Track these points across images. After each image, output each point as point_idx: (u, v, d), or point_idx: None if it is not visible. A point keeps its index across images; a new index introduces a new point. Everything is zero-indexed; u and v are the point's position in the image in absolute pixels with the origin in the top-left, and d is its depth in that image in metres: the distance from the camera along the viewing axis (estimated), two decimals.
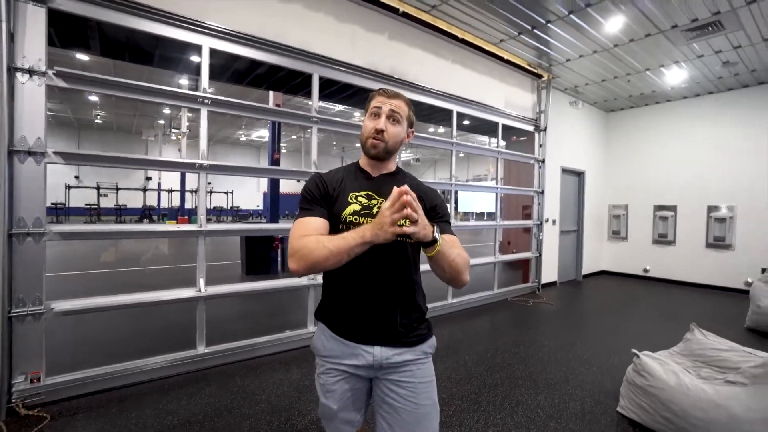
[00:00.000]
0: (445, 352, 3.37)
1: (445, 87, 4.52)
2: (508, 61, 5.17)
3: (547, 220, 6.01)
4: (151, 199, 22.87)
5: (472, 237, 15.50)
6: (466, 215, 26.90)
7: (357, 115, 19.05)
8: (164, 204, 23.17)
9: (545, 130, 5.80)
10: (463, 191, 8.45)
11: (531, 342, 3.66)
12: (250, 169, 3.77)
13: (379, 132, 1.18)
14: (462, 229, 5.48)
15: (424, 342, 1.18)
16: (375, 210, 1.17)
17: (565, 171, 6.48)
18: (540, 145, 5.86)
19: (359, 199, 1.17)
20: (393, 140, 1.19)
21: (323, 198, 1.17)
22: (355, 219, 1.15)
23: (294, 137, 25.41)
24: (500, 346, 3.55)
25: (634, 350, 2.51)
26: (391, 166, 1.26)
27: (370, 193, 1.19)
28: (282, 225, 3.66)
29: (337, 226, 1.15)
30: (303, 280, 3.45)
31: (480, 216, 28.73)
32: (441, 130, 19.43)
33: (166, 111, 17.74)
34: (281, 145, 7.56)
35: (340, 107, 17.61)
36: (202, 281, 2.88)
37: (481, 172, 30.05)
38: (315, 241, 1.01)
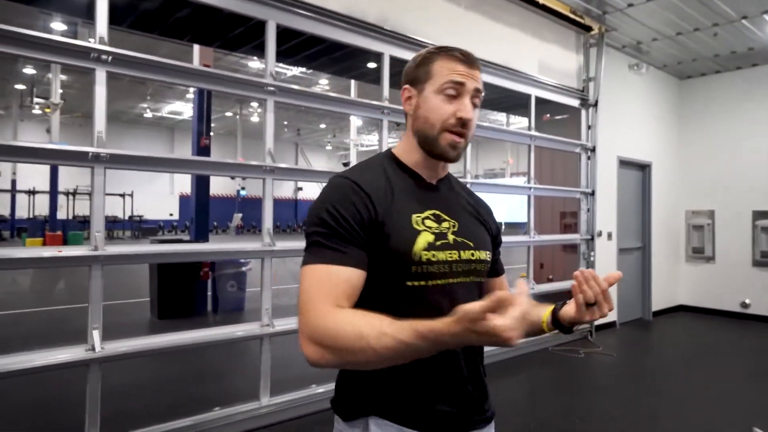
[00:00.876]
0: None
1: (458, 44, 4.53)
2: (543, 7, 5.29)
3: (599, 234, 6.12)
4: (0, 206, 21.97)
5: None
6: None
7: (322, 83, 19.10)
8: (21, 213, 22.31)
9: (596, 105, 5.94)
10: (481, 192, 8.56)
11: (590, 412, 3.67)
12: (168, 161, 3.67)
13: (465, 123, 1.07)
14: None
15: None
16: (451, 238, 1.08)
17: (624, 163, 6.65)
18: (588, 127, 6.00)
19: (427, 222, 1.07)
20: (472, 133, 1.12)
21: (367, 226, 1.01)
22: (434, 257, 1.03)
23: (228, 114, 25.23)
24: (545, 419, 3.55)
25: (757, 429, 2.53)
26: (446, 167, 1.19)
27: (438, 213, 1.10)
28: (215, 246, 3.57)
29: (403, 270, 1.02)
30: (252, 328, 3.35)
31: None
32: None
33: (27, 71, 17.19)
34: (211, 125, 7.45)
35: (294, 71, 17.62)
36: (96, 334, 2.74)
37: (495, 165, 30.67)
38: (354, 332, 0.86)
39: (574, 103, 5.91)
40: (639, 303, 7.01)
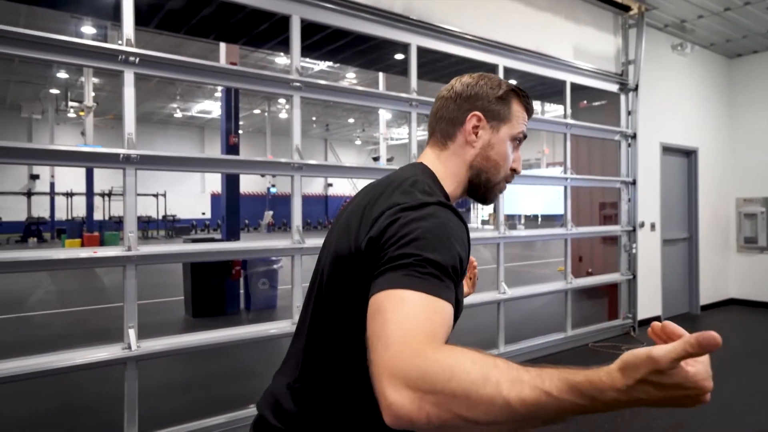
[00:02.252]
0: None
1: (487, 31, 4.50)
2: None
3: (642, 225, 5.96)
4: (40, 208, 23.00)
5: (522, 251, 15.44)
6: (511, 219, 26.88)
7: (350, 77, 19.17)
8: (60, 215, 23.29)
9: (636, 89, 5.77)
10: (516, 184, 8.47)
11: (634, 414, 3.58)
12: (197, 161, 3.75)
13: (514, 174, 1.10)
14: (513, 241, 5.44)
15: None
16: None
17: (668, 150, 6.45)
18: (629, 113, 5.84)
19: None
20: None
21: (462, 268, 0.88)
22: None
23: (257, 111, 25.65)
24: (586, 421, 3.47)
25: None
26: None
27: None
28: (245, 244, 3.63)
29: (455, 319, 0.92)
30: (285, 326, 3.40)
31: (529, 220, 28.74)
32: None
33: (61, 75, 17.88)
34: (239, 123, 7.58)
35: (321, 65, 17.75)
36: (132, 333, 2.84)
37: (530, 156, 30.16)
38: (479, 372, 0.63)
39: (613, 88, 5.75)
40: (686, 296, 6.80)
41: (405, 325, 0.70)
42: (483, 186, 1.06)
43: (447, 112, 1.06)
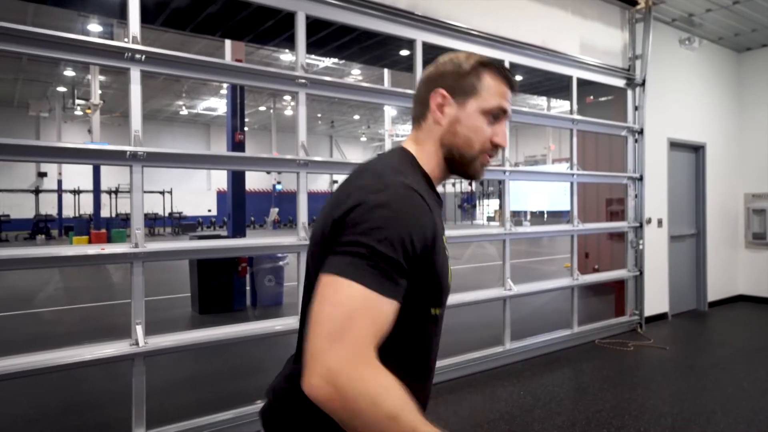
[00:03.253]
0: (507, 427, 3.30)
1: (493, 27, 4.49)
2: None
3: (649, 221, 5.94)
4: (48, 205, 23.17)
5: (528, 248, 15.41)
6: (517, 215, 26.82)
7: (355, 74, 19.15)
8: (68, 212, 23.46)
9: (643, 84, 5.73)
10: (522, 180, 8.50)
11: (641, 410, 3.58)
12: (203, 158, 3.76)
13: (496, 148, 1.07)
14: (519, 238, 5.43)
15: None
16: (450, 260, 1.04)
17: (675, 145, 6.40)
18: (636, 108, 5.80)
19: (446, 244, 1.04)
20: None
21: (426, 253, 0.90)
22: (450, 281, 1.03)
23: (262, 108, 25.68)
24: (593, 416, 3.48)
25: None
26: None
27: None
28: (251, 241, 3.65)
29: (436, 296, 0.97)
30: (290, 323, 3.41)
31: (535, 216, 28.67)
32: None
33: (68, 73, 17.98)
34: (245, 120, 7.59)
35: (326, 62, 17.74)
36: (139, 329, 2.86)
37: (536, 152, 30.07)
38: (391, 409, 0.73)
39: (620, 83, 5.72)
40: (693, 293, 6.76)
41: (341, 317, 0.76)
42: (458, 162, 1.05)
43: (419, 94, 1.08)
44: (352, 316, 0.76)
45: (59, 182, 23.31)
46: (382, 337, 0.80)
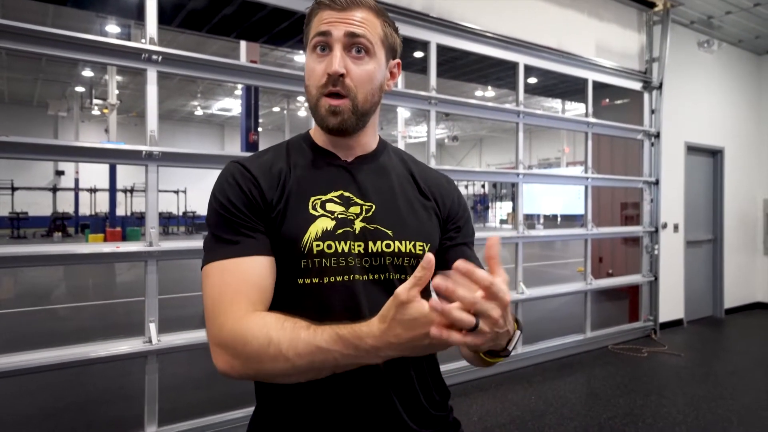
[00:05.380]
0: None
1: (508, 29, 4.47)
2: None
3: (665, 226, 5.86)
4: (65, 203, 23.52)
5: (541, 251, 15.29)
6: (530, 218, 26.64)
7: None
8: (84, 210, 23.79)
9: (660, 87, 5.67)
10: (535, 183, 8.44)
11: (655, 417, 3.53)
12: (217, 158, 3.78)
13: (338, 80, 0.88)
14: (532, 241, 5.39)
15: None
16: (358, 226, 0.91)
17: (693, 149, 6.32)
18: (652, 111, 5.74)
19: (329, 207, 0.91)
20: (365, 91, 0.91)
21: (257, 211, 0.88)
22: (329, 248, 0.88)
23: (276, 109, 25.83)
24: (606, 423, 3.44)
25: None
26: (370, 141, 1.01)
27: (347, 194, 0.94)
28: None
29: (293, 264, 0.88)
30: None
31: (548, 219, 28.46)
32: (490, 93, 19.41)
33: (86, 73, 18.24)
34: (259, 121, 7.65)
35: None
36: (153, 327, 2.88)
37: (550, 155, 29.83)
38: (263, 336, 0.75)
39: (636, 86, 5.66)
40: (709, 299, 6.66)
41: (208, 302, 0.84)
42: (313, 115, 0.95)
43: None
44: (214, 293, 0.83)
45: (76, 181, 23.66)
46: (259, 288, 0.84)
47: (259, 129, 8.24)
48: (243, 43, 7.45)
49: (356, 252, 0.90)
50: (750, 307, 7.04)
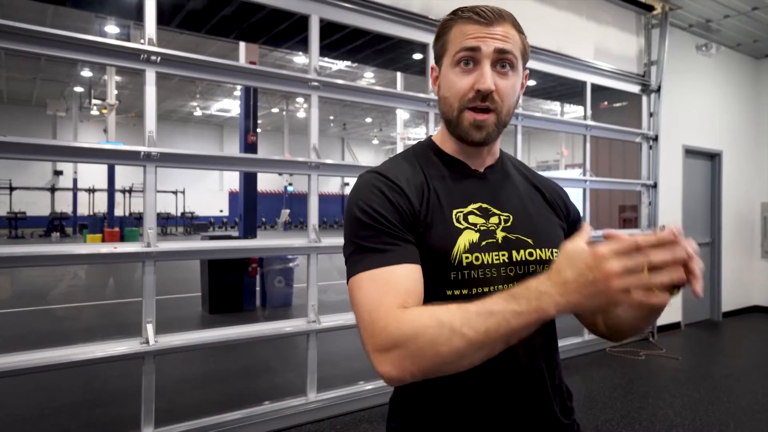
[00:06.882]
0: None
1: None
2: None
3: (662, 228, 5.84)
4: (63, 203, 23.50)
5: None
6: None
7: (368, 77, 19.19)
8: (82, 210, 23.76)
9: (658, 90, 5.68)
10: None
11: (652, 420, 3.53)
12: (216, 159, 3.79)
13: (487, 96, 0.90)
14: None
15: None
16: (500, 236, 0.93)
17: (691, 152, 6.33)
18: (651, 114, 5.75)
19: (471, 219, 0.93)
20: (509, 104, 0.94)
21: (408, 221, 0.89)
22: (477, 260, 0.90)
23: (275, 110, 25.85)
24: (603, 425, 3.44)
25: None
26: (497, 149, 1.04)
27: (486, 206, 0.96)
28: (262, 242, 3.67)
29: (442, 276, 0.89)
30: (299, 324, 3.42)
31: None
32: None
33: (85, 74, 18.23)
34: (257, 122, 7.65)
35: (339, 65, 17.79)
36: (150, 328, 2.88)
37: (549, 157, 29.86)
38: (433, 320, 0.73)
39: (634, 89, 5.67)
40: (707, 303, 6.66)
41: (361, 311, 0.81)
42: (451, 127, 0.96)
43: None
44: (368, 301, 0.81)
45: (74, 181, 23.65)
46: (413, 293, 0.82)
47: (258, 130, 8.24)
48: (242, 44, 7.45)
49: (501, 262, 0.92)
50: (747, 310, 7.05)
